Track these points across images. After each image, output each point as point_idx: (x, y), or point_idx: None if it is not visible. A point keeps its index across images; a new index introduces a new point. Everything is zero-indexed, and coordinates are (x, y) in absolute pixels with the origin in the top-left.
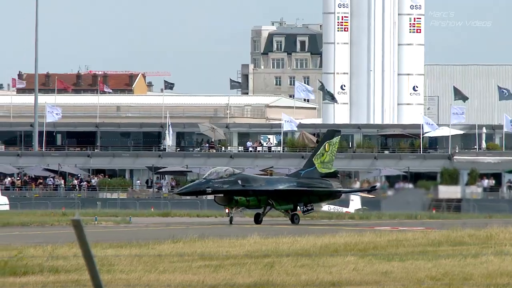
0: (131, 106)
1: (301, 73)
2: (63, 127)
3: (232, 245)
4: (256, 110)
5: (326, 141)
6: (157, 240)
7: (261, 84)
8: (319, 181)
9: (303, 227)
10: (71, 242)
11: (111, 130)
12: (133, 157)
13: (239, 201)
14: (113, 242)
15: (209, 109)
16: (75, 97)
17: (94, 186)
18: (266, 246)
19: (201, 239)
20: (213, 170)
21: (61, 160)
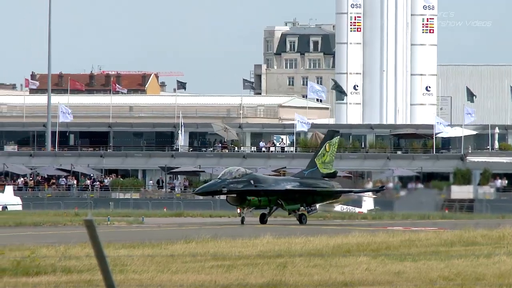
0: (144, 106)
1: (314, 73)
2: (76, 127)
3: (245, 245)
4: (269, 110)
5: (327, 141)
6: (170, 240)
7: (274, 84)
8: (322, 181)
9: (315, 227)
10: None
11: (124, 130)
12: (146, 157)
13: (252, 201)
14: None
15: (222, 109)
16: (88, 97)
17: (107, 186)
18: (279, 246)
19: (214, 239)
20: (227, 170)
21: (74, 160)
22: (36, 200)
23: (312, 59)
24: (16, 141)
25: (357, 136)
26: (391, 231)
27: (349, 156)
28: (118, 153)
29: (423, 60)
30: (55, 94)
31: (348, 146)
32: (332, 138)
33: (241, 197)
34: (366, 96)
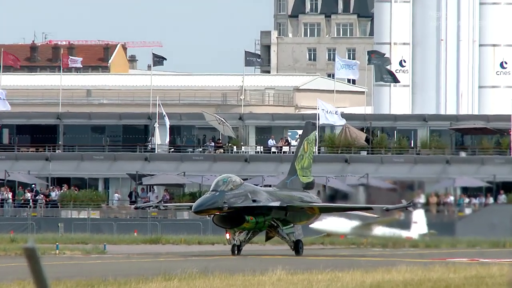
0: (107, 89)
1: (344, 43)
2: (11, 118)
3: (248, 283)
4: (281, 95)
5: (304, 138)
6: (143, 276)
7: (288, 59)
8: (307, 194)
9: (345, 259)
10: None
11: (78, 123)
12: (110, 161)
13: (249, 221)
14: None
15: (215, 94)
16: (28, 77)
17: (55, 201)
18: (295, 286)
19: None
20: (220, 179)
21: (9, 165)
22: None
23: (342, 23)
24: None
25: (405, 132)
26: (452, 264)
27: (393, 160)
28: (71, 155)
29: (496, 26)
30: None
31: (392, 145)
32: (309, 133)
33: (238, 217)
34: (417, 76)
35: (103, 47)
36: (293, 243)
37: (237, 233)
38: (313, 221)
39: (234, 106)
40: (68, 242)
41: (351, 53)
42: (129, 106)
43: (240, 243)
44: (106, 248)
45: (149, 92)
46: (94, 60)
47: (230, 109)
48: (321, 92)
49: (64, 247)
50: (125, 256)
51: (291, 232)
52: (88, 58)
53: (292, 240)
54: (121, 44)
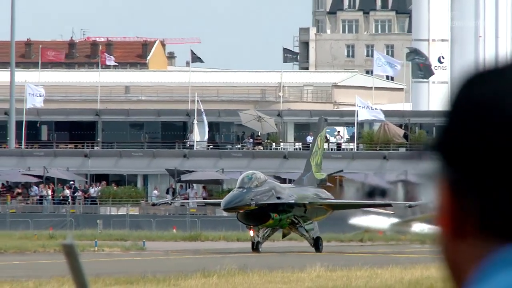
0: (145, 86)
1: (382, 39)
2: (50, 115)
3: (287, 280)
4: (319, 91)
5: (318, 134)
6: (182, 273)
7: (326, 56)
8: (322, 190)
9: (384, 255)
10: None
11: (117, 120)
12: (148, 158)
13: (274, 219)
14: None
15: (254, 91)
16: (67, 74)
17: (94, 198)
18: (334, 282)
19: (243, 271)
20: (245, 175)
21: (48, 161)
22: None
23: (380, 20)
24: None
25: None
26: None
27: None
28: (109, 152)
29: None
30: (21, 70)
31: None
32: (322, 130)
33: (263, 214)
34: (456, 73)
35: (141, 44)
36: (313, 240)
37: (261, 230)
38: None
39: (272, 102)
40: (107, 238)
41: (390, 50)
42: (167, 102)
43: (261, 240)
44: (145, 245)
45: (188, 88)
46: (132, 56)
47: (269, 105)
48: (360, 89)
49: (103, 244)
50: (164, 252)
51: (311, 229)
52: (126, 54)
53: (312, 237)
54: (160, 41)
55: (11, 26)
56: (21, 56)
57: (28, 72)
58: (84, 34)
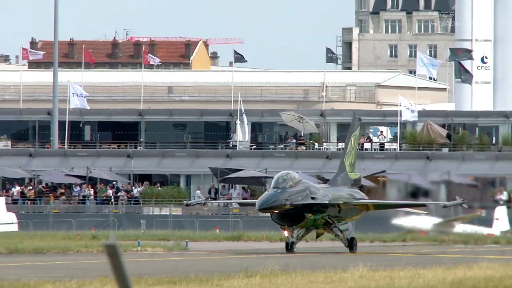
0: (188, 86)
1: (425, 39)
2: (93, 115)
3: (329, 280)
4: (362, 91)
5: (352, 133)
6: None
7: (369, 56)
8: (356, 190)
9: (426, 256)
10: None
11: (160, 120)
12: (191, 158)
13: (308, 219)
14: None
15: (296, 91)
16: (109, 74)
17: (137, 198)
18: (377, 282)
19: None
20: (280, 175)
21: (91, 162)
22: (38, 217)
23: (423, 20)
24: (9, 135)
25: (486, 129)
26: None
27: (475, 157)
28: (152, 152)
29: None
30: (64, 69)
31: (473, 142)
32: (356, 129)
33: (298, 214)
34: (499, 73)
35: (184, 44)
36: (347, 241)
37: (295, 230)
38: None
39: (315, 102)
40: (149, 238)
41: (432, 50)
42: (210, 102)
43: (295, 241)
44: (188, 245)
45: (231, 88)
46: (175, 56)
47: (312, 105)
48: (403, 89)
49: (145, 244)
50: (206, 253)
51: (346, 229)
52: (170, 54)
53: (346, 238)
54: (203, 41)
55: (54, 26)
56: (64, 56)
57: (71, 72)
58: (128, 34)
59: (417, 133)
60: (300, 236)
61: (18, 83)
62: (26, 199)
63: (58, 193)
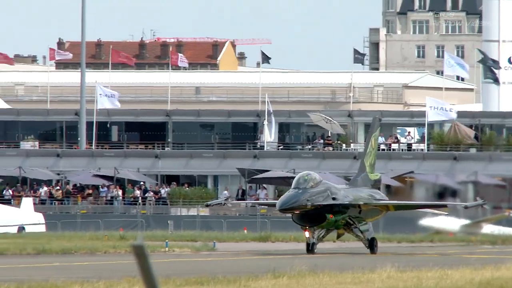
0: (216, 86)
1: (453, 40)
2: (120, 116)
3: (357, 281)
4: (390, 92)
5: (372, 134)
6: (252, 274)
7: (396, 56)
8: (376, 191)
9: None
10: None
11: (187, 121)
12: (219, 158)
13: (329, 220)
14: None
15: (324, 91)
16: (137, 74)
17: (165, 198)
18: (405, 283)
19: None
20: (301, 175)
21: (118, 162)
22: (66, 217)
23: (451, 20)
24: (37, 135)
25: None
26: None
27: (503, 157)
28: (180, 153)
29: None
30: (92, 70)
31: (501, 142)
32: (376, 130)
33: (319, 215)
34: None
35: (211, 44)
36: (367, 241)
37: (316, 231)
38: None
39: (342, 103)
40: (177, 239)
41: (460, 50)
42: (238, 103)
43: (316, 242)
44: (216, 246)
45: (258, 89)
46: (202, 57)
47: (339, 106)
48: (430, 89)
49: (173, 245)
50: (234, 253)
51: (366, 230)
52: (197, 55)
53: (367, 238)
54: (230, 41)
55: (81, 27)
56: (92, 57)
57: (99, 72)
58: (155, 35)
59: (444, 134)
60: (320, 237)
61: (46, 83)
62: (54, 200)
63: (85, 193)
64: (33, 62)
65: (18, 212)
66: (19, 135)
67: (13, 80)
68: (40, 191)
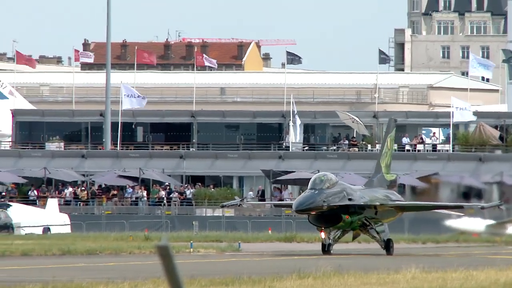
0: (241, 87)
1: (478, 41)
2: (145, 116)
3: (382, 282)
4: (415, 93)
5: (388, 134)
6: (277, 274)
7: (421, 57)
8: (392, 192)
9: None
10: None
11: (212, 121)
12: (244, 159)
13: (345, 220)
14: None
15: (349, 92)
16: (162, 75)
17: (189, 199)
18: (429, 284)
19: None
20: (317, 176)
21: (143, 163)
22: (91, 218)
23: (475, 21)
24: (62, 136)
25: None
26: None
27: None
28: (205, 153)
29: None
30: (117, 71)
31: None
32: (391, 130)
33: (335, 216)
34: None
35: (237, 45)
36: (383, 242)
37: (332, 232)
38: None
39: (368, 104)
40: (202, 240)
41: (485, 51)
42: (263, 104)
43: (332, 242)
44: (241, 246)
45: (283, 90)
46: (227, 58)
47: (364, 107)
48: (455, 90)
49: (198, 245)
50: (259, 254)
51: (382, 231)
52: (222, 56)
53: (383, 239)
54: (255, 42)
55: (107, 27)
56: (117, 57)
57: (124, 73)
58: (180, 36)
59: (469, 135)
60: (336, 237)
61: (71, 84)
62: (79, 201)
63: (110, 194)
64: (58, 63)
65: (43, 213)
66: (44, 136)
67: (38, 81)
68: (65, 192)
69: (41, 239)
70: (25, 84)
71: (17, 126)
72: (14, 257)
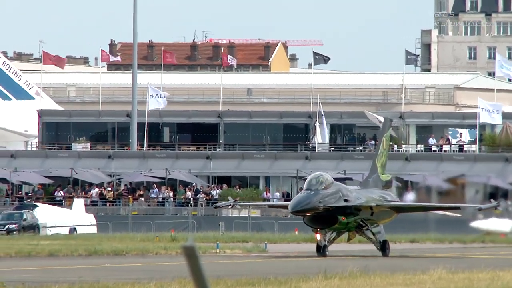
0: (268, 88)
1: (504, 41)
2: (172, 117)
3: (409, 282)
4: (441, 93)
5: (383, 134)
6: (303, 275)
7: (448, 58)
8: (387, 193)
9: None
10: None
11: (239, 122)
12: (270, 159)
13: (341, 222)
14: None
15: (376, 93)
16: (189, 76)
17: (216, 199)
18: (456, 284)
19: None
20: (313, 177)
21: (170, 163)
22: (117, 218)
23: (503, 22)
24: (88, 137)
25: None
26: None
27: None
28: (231, 154)
29: None
30: (143, 71)
31: None
32: (387, 130)
33: (331, 217)
34: None
35: (263, 46)
36: (379, 244)
37: (328, 233)
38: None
39: (394, 104)
40: (228, 241)
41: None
42: (289, 104)
43: (327, 244)
44: (267, 247)
45: (310, 90)
46: (254, 58)
47: (391, 107)
48: (482, 91)
49: (224, 246)
50: (285, 254)
51: (378, 232)
52: (248, 56)
53: (379, 241)
54: (282, 43)
55: (133, 28)
56: (144, 58)
57: (150, 74)
58: (206, 36)
59: (496, 135)
60: (331, 239)
61: (97, 85)
62: (105, 201)
63: (137, 195)
64: (85, 64)
65: (69, 214)
66: (71, 136)
67: (65, 82)
68: (92, 192)
69: (67, 239)
70: (51, 85)
71: (43, 126)
72: (40, 257)
